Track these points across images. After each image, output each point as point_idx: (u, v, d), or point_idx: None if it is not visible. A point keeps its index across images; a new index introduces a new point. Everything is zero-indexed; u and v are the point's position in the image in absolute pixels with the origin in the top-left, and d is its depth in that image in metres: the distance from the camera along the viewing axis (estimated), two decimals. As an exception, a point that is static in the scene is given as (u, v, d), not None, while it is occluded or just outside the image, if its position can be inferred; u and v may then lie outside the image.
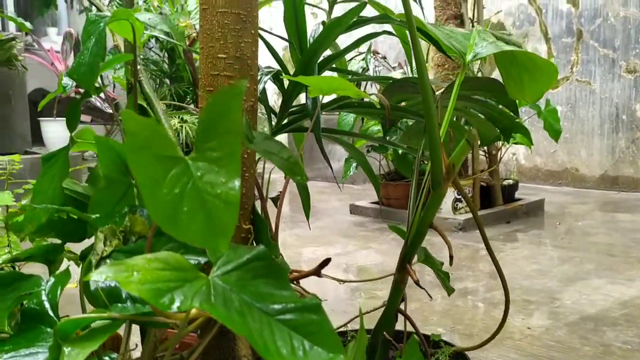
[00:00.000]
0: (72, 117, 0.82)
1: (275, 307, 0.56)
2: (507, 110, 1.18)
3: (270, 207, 1.04)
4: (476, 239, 2.84)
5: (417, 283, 0.78)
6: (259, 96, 0.99)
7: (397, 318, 0.93)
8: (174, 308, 0.51)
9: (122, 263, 0.54)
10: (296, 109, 1.22)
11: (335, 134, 1.29)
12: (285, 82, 1.22)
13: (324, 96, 1.05)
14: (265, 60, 0.96)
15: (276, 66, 1.16)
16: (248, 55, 0.84)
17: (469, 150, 0.79)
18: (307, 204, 1.16)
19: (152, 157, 0.49)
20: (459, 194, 3.14)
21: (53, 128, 4.28)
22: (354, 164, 3.21)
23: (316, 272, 0.74)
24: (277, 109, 1.12)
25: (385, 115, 1.06)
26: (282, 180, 0.96)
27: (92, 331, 0.62)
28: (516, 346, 1.53)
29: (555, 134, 3.11)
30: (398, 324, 1.01)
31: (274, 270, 0.60)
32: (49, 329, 0.65)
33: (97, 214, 0.80)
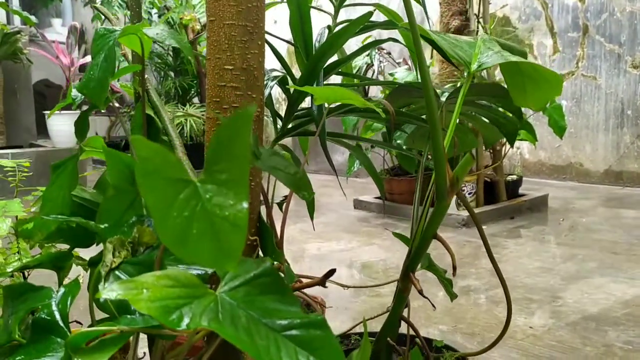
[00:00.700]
0: (81, 128, 0.84)
1: (281, 323, 0.57)
2: (512, 115, 1.19)
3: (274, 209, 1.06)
4: (479, 235, 2.84)
5: (421, 292, 0.79)
6: (265, 101, 1.00)
7: (401, 323, 0.94)
8: (183, 326, 0.53)
9: (132, 280, 0.55)
10: (301, 113, 1.23)
11: (339, 137, 1.30)
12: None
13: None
14: (269, 61, 0.96)
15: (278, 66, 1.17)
16: (255, 66, 0.85)
17: (473, 163, 0.80)
18: (312, 207, 1.17)
19: (162, 181, 0.50)
20: (463, 189, 3.15)
21: (58, 121, 4.30)
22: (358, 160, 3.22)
23: (321, 283, 0.76)
24: (282, 105, 1.13)
25: (390, 119, 1.07)
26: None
27: (102, 343, 0.63)
28: (518, 346, 1.54)
29: (560, 131, 3.10)
30: (400, 324, 1.03)
31: (280, 285, 0.61)
32: (60, 339, 0.67)
33: (106, 223, 0.81)
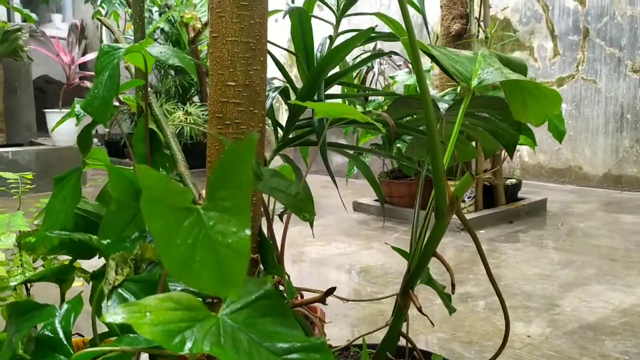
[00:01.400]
0: (84, 142, 0.84)
1: (282, 347, 0.58)
2: (511, 127, 1.20)
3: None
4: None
5: (420, 310, 0.80)
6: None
7: (400, 338, 0.95)
8: (186, 350, 0.53)
9: (136, 304, 0.56)
10: (303, 123, 1.24)
11: (340, 147, 1.31)
12: (292, 96, 1.24)
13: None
14: (270, 69, 0.96)
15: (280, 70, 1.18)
16: (257, 82, 0.86)
17: (472, 182, 0.81)
18: (311, 205, 1.17)
19: (166, 209, 0.50)
20: (462, 194, 3.16)
21: (58, 119, 4.30)
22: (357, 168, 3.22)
23: (321, 300, 0.76)
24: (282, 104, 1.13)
25: (390, 130, 1.07)
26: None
27: (105, 362, 0.64)
28: (516, 355, 1.55)
29: (559, 135, 3.10)
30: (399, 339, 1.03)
31: (281, 308, 0.62)
32: (63, 357, 0.68)
33: (108, 238, 0.82)
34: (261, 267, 0.95)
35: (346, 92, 1.47)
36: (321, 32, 1.41)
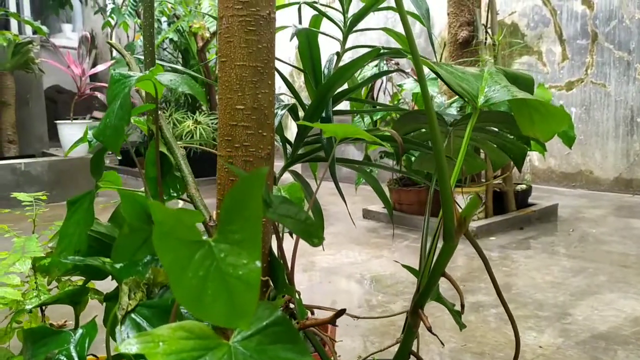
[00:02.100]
0: (97, 166, 0.86)
1: (293, 374, 0.58)
2: (519, 141, 1.20)
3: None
4: (488, 247, 2.85)
5: (430, 330, 0.81)
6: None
7: (410, 356, 0.95)
8: (198, 379, 0.54)
9: (149, 333, 0.57)
10: (312, 139, 1.25)
11: (348, 163, 1.32)
12: (300, 114, 1.25)
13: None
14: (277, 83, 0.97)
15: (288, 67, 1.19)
16: (265, 105, 0.87)
17: (480, 203, 0.81)
18: (321, 226, 1.18)
19: (178, 243, 0.52)
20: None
21: (69, 131, 4.35)
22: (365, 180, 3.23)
23: (331, 321, 0.77)
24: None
25: (398, 146, 1.08)
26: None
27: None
28: (527, 366, 1.55)
29: (569, 141, 3.10)
30: (410, 357, 1.04)
31: (292, 334, 0.63)
32: (78, 382, 0.69)
33: (120, 262, 0.83)
34: (271, 284, 0.96)
35: (354, 106, 1.47)
36: (328, 44, 1.41)
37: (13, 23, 6.83)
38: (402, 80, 3.37)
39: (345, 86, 1.25)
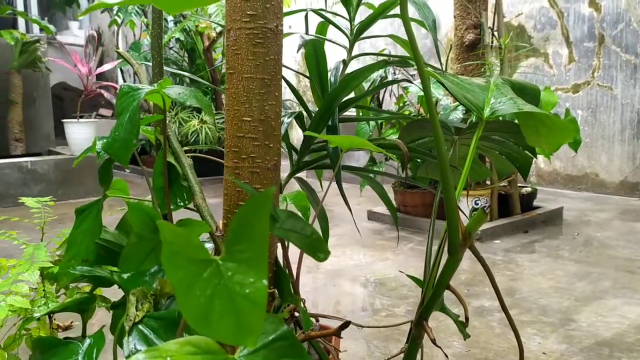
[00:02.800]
0: (105, 176, 0.86)
1: (298, 389, 0.59)
2: (525, 150, 1.20)
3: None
4: (493, 251, 2.85)
5: (434, 342, 0.81)
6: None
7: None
8: (204, 395, 0.55)
9: (156, 349, 0.58)
10: (317, 147, 1.25)
11: (354, 170, 1.32)
12: (306, 122, 1.25)
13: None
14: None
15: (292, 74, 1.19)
16: (272, 117, 0.88)
17: (485, 219, 0.82)
18: (326, 232, 1.19)
19: (185, 261, 0.52)
20: (477, 203, 3.16)
21: (76, 130, 4.37)
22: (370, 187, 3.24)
23: (336, 333, 0.78)
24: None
25: (403, 155, 1.09)
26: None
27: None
28: (531, 373, 1.55)
29: (575, 145, 3.09)
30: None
31: (297, 349, 0.63)
32: (86, 393, 0.70)
33: (128, 271, 0.84)
34: (277, 294, 0.97)
35: (360, 112, 1.48)
36: (334, 49, 1.41)
37: (20, 21, 6.86)
38: (407, 85, 3.37)
39: (351, 94, 1.26)
